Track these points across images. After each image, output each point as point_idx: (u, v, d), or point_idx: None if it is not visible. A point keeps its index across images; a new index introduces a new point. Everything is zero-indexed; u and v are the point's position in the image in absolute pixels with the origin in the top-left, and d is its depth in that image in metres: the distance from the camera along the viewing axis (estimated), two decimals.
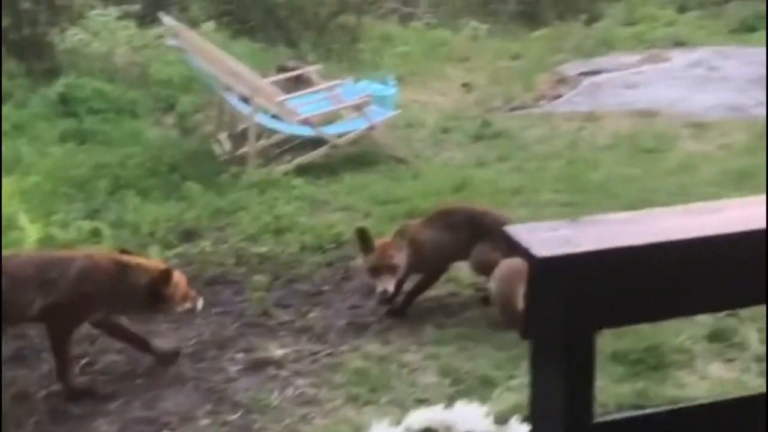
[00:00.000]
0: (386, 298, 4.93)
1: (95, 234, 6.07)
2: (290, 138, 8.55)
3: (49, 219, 6.37)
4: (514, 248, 2.12)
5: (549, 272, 2.03)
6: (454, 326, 4.61)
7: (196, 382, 4.19)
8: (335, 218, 6.57)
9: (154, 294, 4.18)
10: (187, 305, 4.35)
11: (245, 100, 8.16)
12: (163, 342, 4.52)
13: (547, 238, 2.08)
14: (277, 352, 4.34)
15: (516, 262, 4.26)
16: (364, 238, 4.74)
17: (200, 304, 4.42)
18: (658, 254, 2.09)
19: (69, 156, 8.42)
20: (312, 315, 4.87)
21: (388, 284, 4.63)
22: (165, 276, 4.21)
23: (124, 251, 4.47)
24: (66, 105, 9.72)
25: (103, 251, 4.85)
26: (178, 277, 4.35)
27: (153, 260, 4.68)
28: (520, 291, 4.56)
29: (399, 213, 6.51)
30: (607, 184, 7.02)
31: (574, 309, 2.06)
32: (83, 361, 4.38)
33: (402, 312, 4.85)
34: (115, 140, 9.06)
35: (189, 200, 7.07)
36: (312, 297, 5.19)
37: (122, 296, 4.20)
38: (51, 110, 9.68)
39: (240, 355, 4.40)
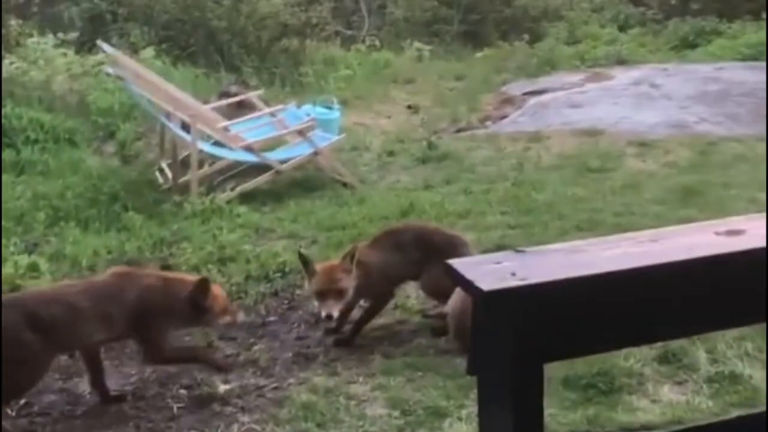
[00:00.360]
0: (333, 327, 4.83)
1: (33, 269, 5.89)
2: (233, 164, 8.42)
3: None
4: (457, 282, 2.04)
5: (495, 306, 1.96)
6: (402, 355, 4.50)
7: (137, 421, 4.04)
8: (280, 246, 6.46)
9: (195, 305, 4.27)
10: (227, 318, 4.41)
11: (186, 127, 8.02)
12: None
13: (492, 270, 2.00)
14: (222, 388, 4.21)
15: None
16: (305, 261, 4.63)
17: (240, 316, 4.55)
18: (604, 285, 2.02)
19: (6, 188, 8.21)
20: (257, 347, 4.74)
21: (334, 309, 4.50)
22: (203, 286, 4.30)
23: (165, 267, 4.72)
24: (3, 135, 9.49)
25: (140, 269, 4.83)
26: (217, 289, 4.47)
27: (190, 275, 4.66)
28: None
29: (345, 239, 6.41)
30: (554, 205, 6.99)
31: (522, 342, 1.99)
32: (21, 402, 4.20)
33: (350, 341, 4.74)
34: (54, 170, 8.87)
35: (130, 231, 6.92)
36: (257, 328, 5.06)
37: (172, 310, 4.30)
38: None
39: (183, 392, 4.26)
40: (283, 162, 8.12)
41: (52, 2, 12.63)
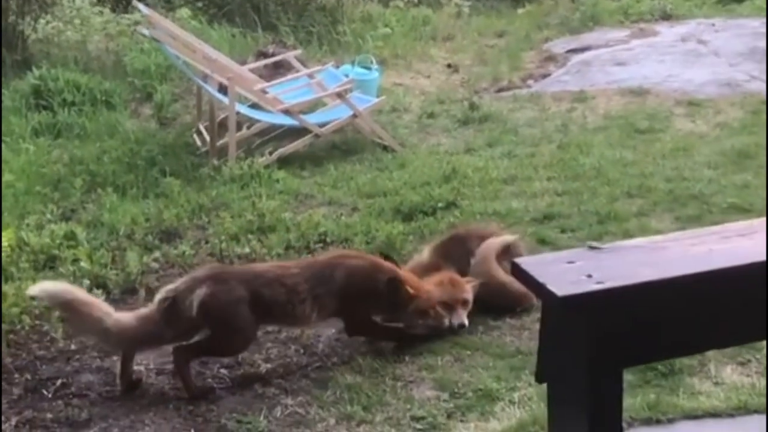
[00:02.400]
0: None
1: (70, 237, 5.78)
2: (272, 127, 8.26)
3: (23, 222, 6.09)
4: (527, 284, 1.88)
5: (571, 311, 1.80)
6: (448, 333, 4.34)
7: (177, 403, 3.92)
8: (321, 213, 6.31)
9: (390, 298, 4.32)
10: (429, 321, 4.35)
11: (223, 89, 7.86)
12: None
13: (565, 271, 1.84)
14: (264, 367, 4.08)
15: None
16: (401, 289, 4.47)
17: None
18: (689, 286, 1.85)
19: (43, 152, 8.13)
20: None
21: (465, 318, 4.35)
22: (392, 284, 4.31)
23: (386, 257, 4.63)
24: (39, 97, 9.39)
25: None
26: (429, 290, 4.40)
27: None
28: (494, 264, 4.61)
29: (387, 206, 6.27)
30: (602, 170, 6.77)
31: (600, 348, 1.83)
32: (58, 383, 4.09)
33: None
34: (91, 133, 8.76)
35: (168, 197, 6.80)
36: None
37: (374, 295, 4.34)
38: (24, 103, 9.37)
39: (224, 371, 4.14)
40: (322, 125, 7.94)
41: None
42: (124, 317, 4.05)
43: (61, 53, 10.56)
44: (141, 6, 8.95)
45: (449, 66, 10.82)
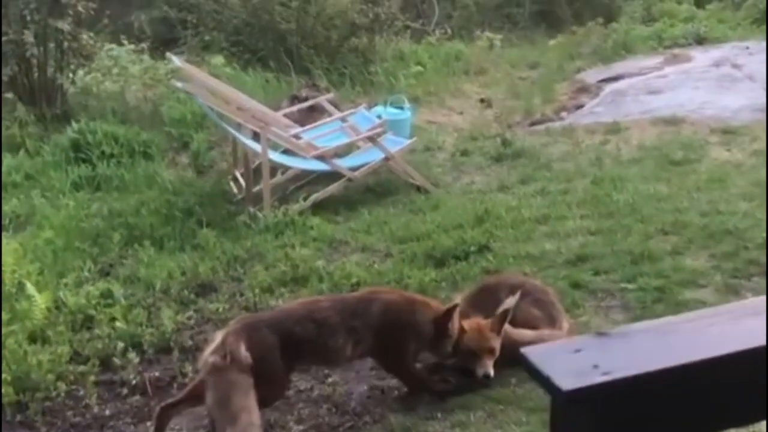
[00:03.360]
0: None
1: (106, 295, 5.86)
2: (306, 173, 8.33)
3: (61, 282, 6.18)
4: (533, 376, 1.87)
5: (577, 406, 1.79)
6: (481, 387, 4.33)
7: None
8: (354, 260, 6.34)
9: (438, 329, 4.33)
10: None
11: (257, 136, 7.93)
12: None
13: (571, 362, 1.83)
14: (296, 429, 4.09)
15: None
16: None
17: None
18: (701, 372, 1.84)
19: (83, 206, 8.25)
20: (331, 380, 4.61)
21: (490, 368, 4.36)
22: (450, 313, 4.35)
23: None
24: (79, 151, 9.55)
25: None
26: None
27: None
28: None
29: (419, 251, 6.27)
30: (635, 206, 6.73)
31: None
32: None
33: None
34: (130, 185, 8.88)
35: (204, 249, 6.87)
36: None
37: (413, 328, 4.36)
38: (63, 157, 9.52)
39: None
40: (355, 169, 7.99)
41: (122, 13, 12.67)
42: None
43: (100, 104, 10.74)
44: (174, 58, 9.10)
45: (482, 101, 10.86)
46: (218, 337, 4.13)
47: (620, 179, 7.49)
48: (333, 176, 8.05)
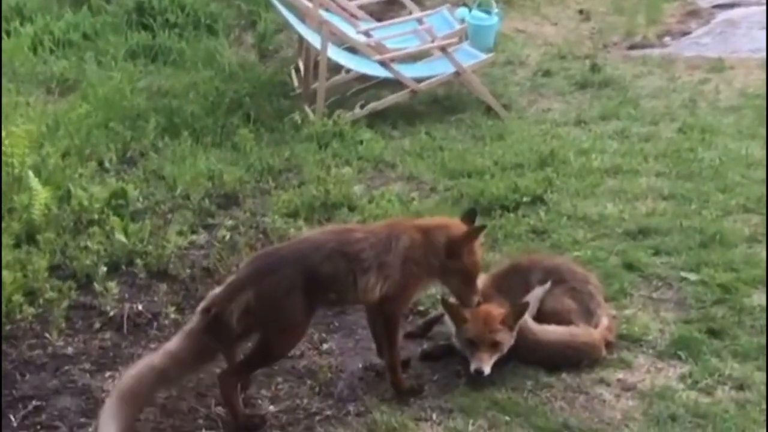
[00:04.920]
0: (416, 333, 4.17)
1: (119, 196, 5.38)
2: (366, 76, 7.65)
3: (77, 171, 5.73)
4: None
5: None
6: (490, 385, 3.72)
7: None
8: (394, 191, 5.73)
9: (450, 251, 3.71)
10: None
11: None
12: None
13: None
14: (270, 408, 3.56)
15: None
16: (454, 312, 3.86)
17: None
18: None
19: (132, 78, 7.76)
20: (326, 347, 4.03)
21: (485, 364, 3.71)
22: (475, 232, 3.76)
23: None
24: (142, 15, 9.02)
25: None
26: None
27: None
28: None
29: (467, 193, 5.63)
30: (720, 169, 5.91)
31: None
32: (30, 407, 3.61)
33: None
34: (187, 60, 8.36)
35: (239, 152, 6.36)
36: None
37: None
38: (125, 21, 9.00)
39: (220, 410, 3.59)
40: (420, 81, 7.28)
41: None
42: (172, 346, 3.54)
43: None
44: None
45: (581, 12, 9.94)
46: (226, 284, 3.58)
47: (711, 131, 6.66)
48: (398, 84, 7.36)
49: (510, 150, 6.36)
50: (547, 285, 4.01)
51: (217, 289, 3.63)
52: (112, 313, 4.19)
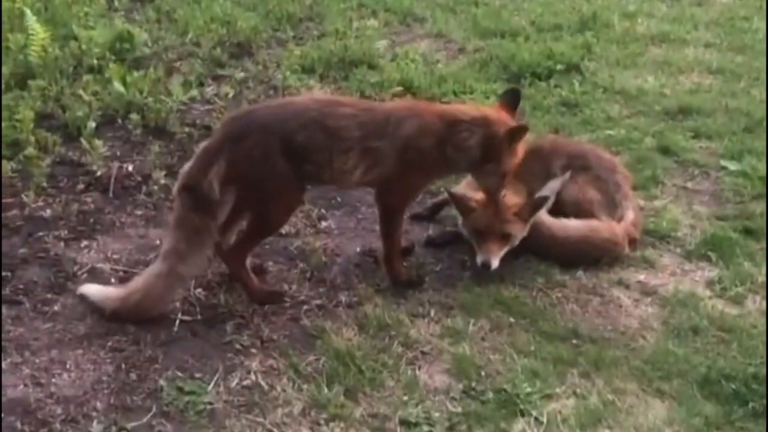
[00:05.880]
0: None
1: (124, 40, 5.02)
2: None
3: (83, 11, 5.35)
4: None
5: None
6: (494, 284, 3.40)
7: (116, 345, 3.15)
8: (420, 51, 5.34)
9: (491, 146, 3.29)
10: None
11: None
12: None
13: None
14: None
15: None
16: (460, 201, 3.48)
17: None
18: None
19: None
20: (324, 225, 3.71)
21: (493, 257, 3.39)
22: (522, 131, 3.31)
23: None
24: None
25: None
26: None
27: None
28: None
29: (497, 56, 5.21)
30: None
31: None
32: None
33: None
34: None
35: None
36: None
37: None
38: None
39: (201, 294, 3.33)
40: None
41: None
42: (167, 245, 3.20)
43: None
44: None
45: None
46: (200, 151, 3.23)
47: None
48: None
49: (549, 9, 5.92)
50: (567, 176, 3.65)
51: (189, 163, 3.28)
52: (99, 173, 3.88)
